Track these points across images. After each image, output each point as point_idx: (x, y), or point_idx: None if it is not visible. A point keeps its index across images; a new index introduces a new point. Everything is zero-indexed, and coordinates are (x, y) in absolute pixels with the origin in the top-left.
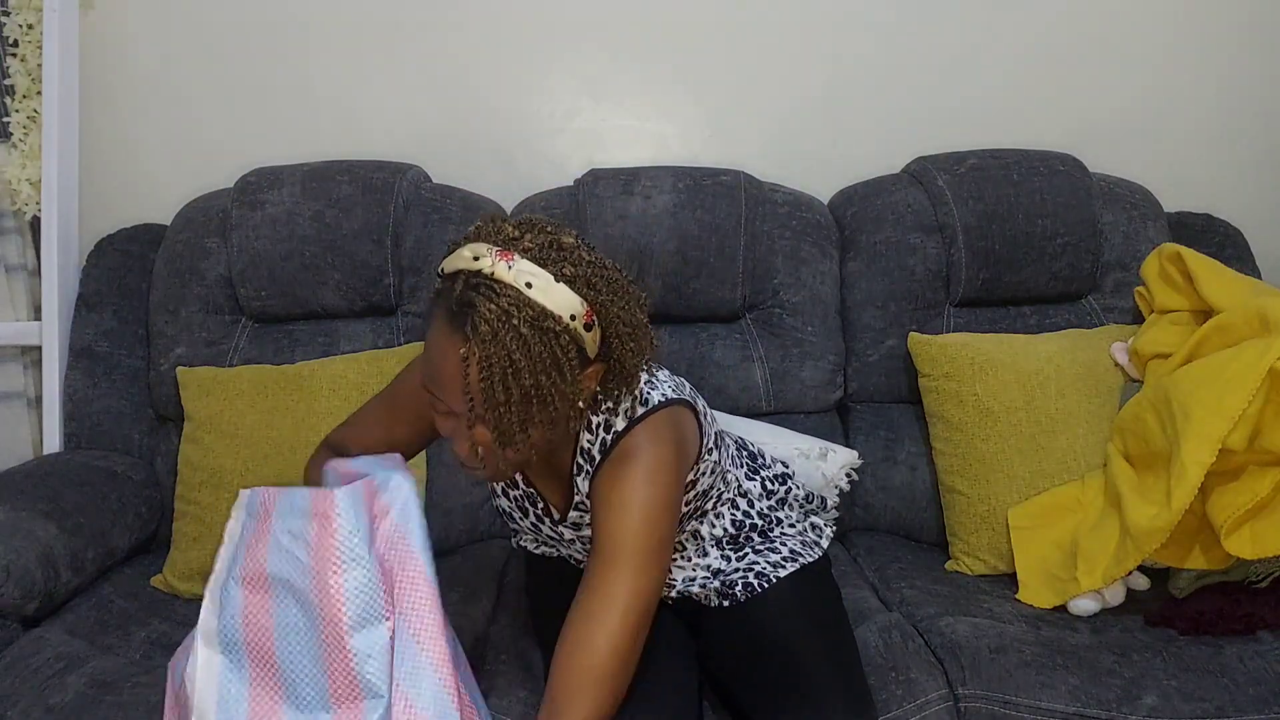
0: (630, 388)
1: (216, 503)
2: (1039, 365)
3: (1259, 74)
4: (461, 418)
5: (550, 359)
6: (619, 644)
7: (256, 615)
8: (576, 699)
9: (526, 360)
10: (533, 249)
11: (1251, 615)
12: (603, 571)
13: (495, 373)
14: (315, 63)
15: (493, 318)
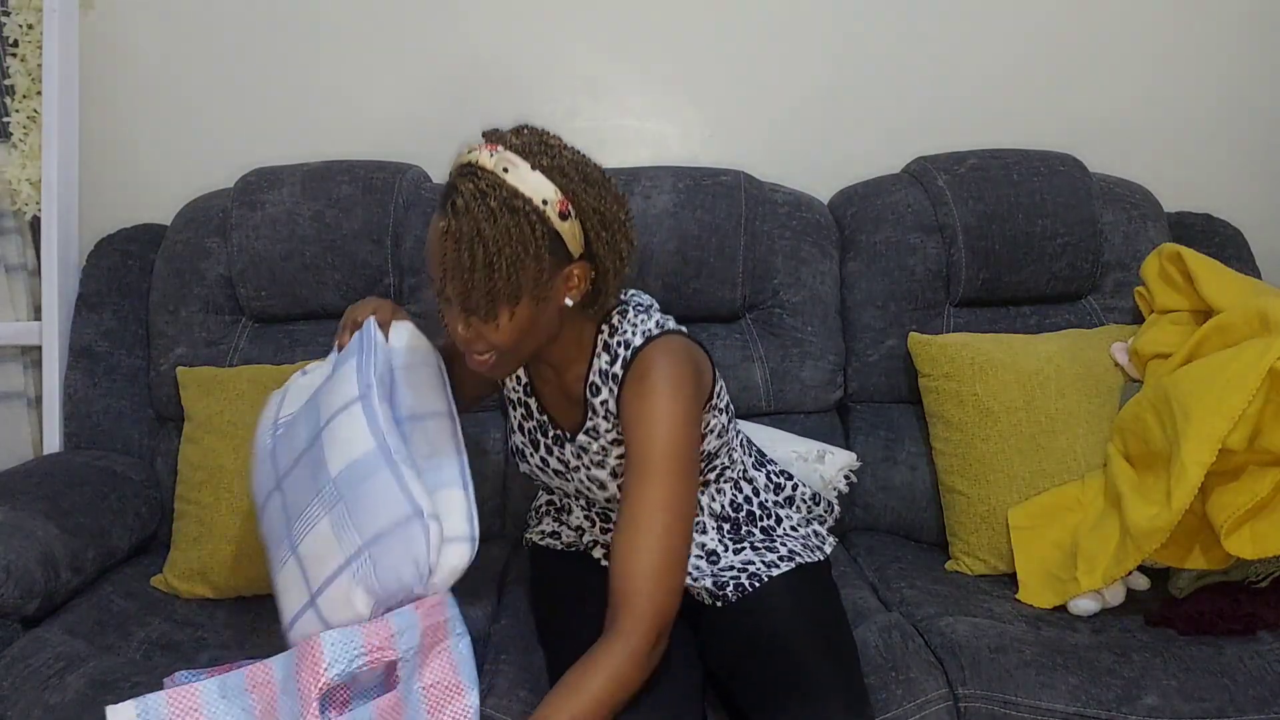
0: (614, 289)
1: (216, 503)
2: (1039, 365)
3: (1259, 74)
4: (454, 302)
5: (518, 236)
6: (667, 544)
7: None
8: (634, 599)
9: (493, 232)
10: (517, 143)
11: (1251, 615)
12: (639, 483)
13: (464, 242)
14: (315, 62)
15: (468, 195)
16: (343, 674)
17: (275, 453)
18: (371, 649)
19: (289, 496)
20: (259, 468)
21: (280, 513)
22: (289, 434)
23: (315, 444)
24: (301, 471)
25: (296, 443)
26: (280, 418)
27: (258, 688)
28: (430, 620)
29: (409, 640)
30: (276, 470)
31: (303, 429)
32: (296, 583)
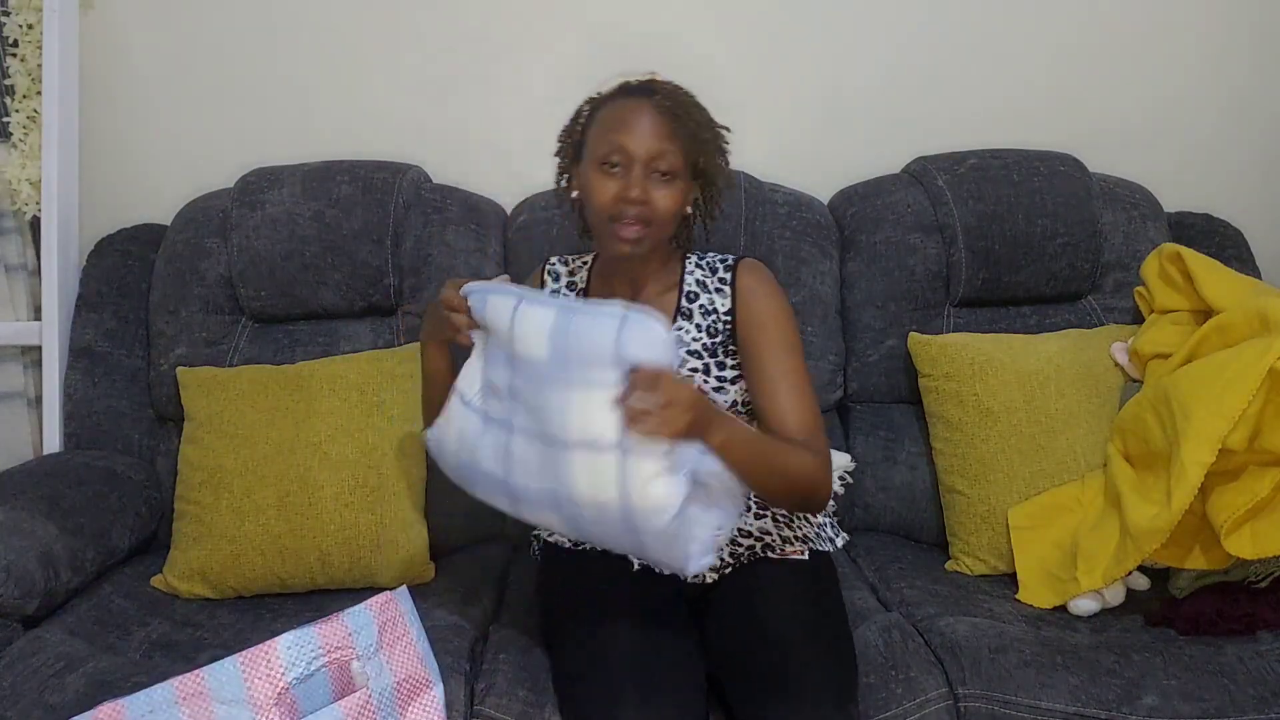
0: (713, 216)
1: (216, 503)
2: (1039, 365)
3: (1259, 74)
4: (645, 161)
5: (709, 122)
6: (813, 397)
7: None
8: (814, 439)
9: (698, 111)
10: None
11: (1251, 615)
12: (783, 354)
13: (686, 104)
14: (315, 63)
15: (669, 85)
16: (302, 676)
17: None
18: (330, 649)
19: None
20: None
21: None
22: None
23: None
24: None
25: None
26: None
27: (188, 699)
28: (385, 616)
29: (366, 638)
30: (508, 418)
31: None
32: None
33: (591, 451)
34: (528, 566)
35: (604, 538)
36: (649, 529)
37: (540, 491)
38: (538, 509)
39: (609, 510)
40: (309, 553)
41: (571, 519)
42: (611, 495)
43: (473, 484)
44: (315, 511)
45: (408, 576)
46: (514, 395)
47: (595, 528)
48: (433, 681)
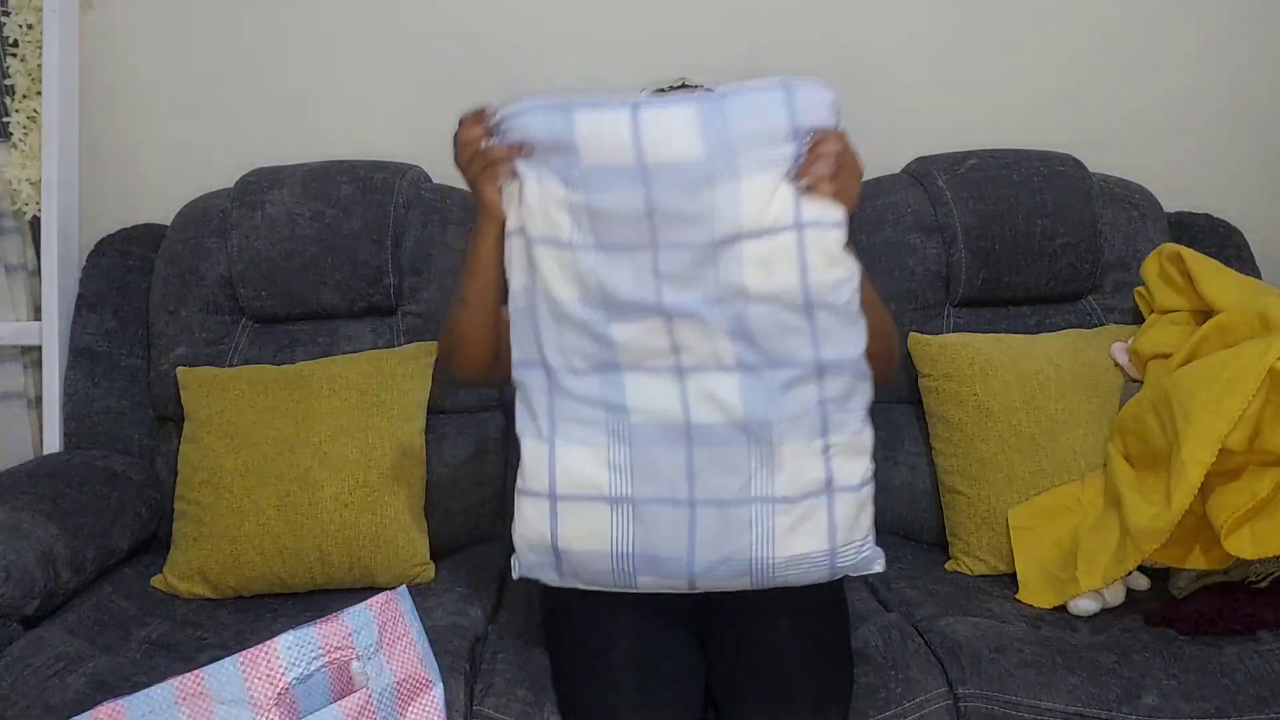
0: None
1: (216, 503)
2: (1039, 365)
3: (1259, 74)
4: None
5: None
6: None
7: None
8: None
9: None
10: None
11: (1251, 615)
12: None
13: None
14: (315, 63)
15: (704, 89)
16: (302, 676)
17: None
18: (330, 649)
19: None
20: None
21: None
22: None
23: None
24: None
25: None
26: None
27: (188, 699)
28: (385, 616)
29: (367, 638)
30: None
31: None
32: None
33: (766, 237)
34: None
35: (767, 331)
36: (832, 306)
37: (699, 301)
38: (694, 318)
39: (787, 296)
40: (309, 553)
41: (738, 318)
42: (791, 280)
43: (605, 323)
44: (315, 511)
45: (408, 576)
46: (651, 211)
47: (761, 320)
48: (433, 681)
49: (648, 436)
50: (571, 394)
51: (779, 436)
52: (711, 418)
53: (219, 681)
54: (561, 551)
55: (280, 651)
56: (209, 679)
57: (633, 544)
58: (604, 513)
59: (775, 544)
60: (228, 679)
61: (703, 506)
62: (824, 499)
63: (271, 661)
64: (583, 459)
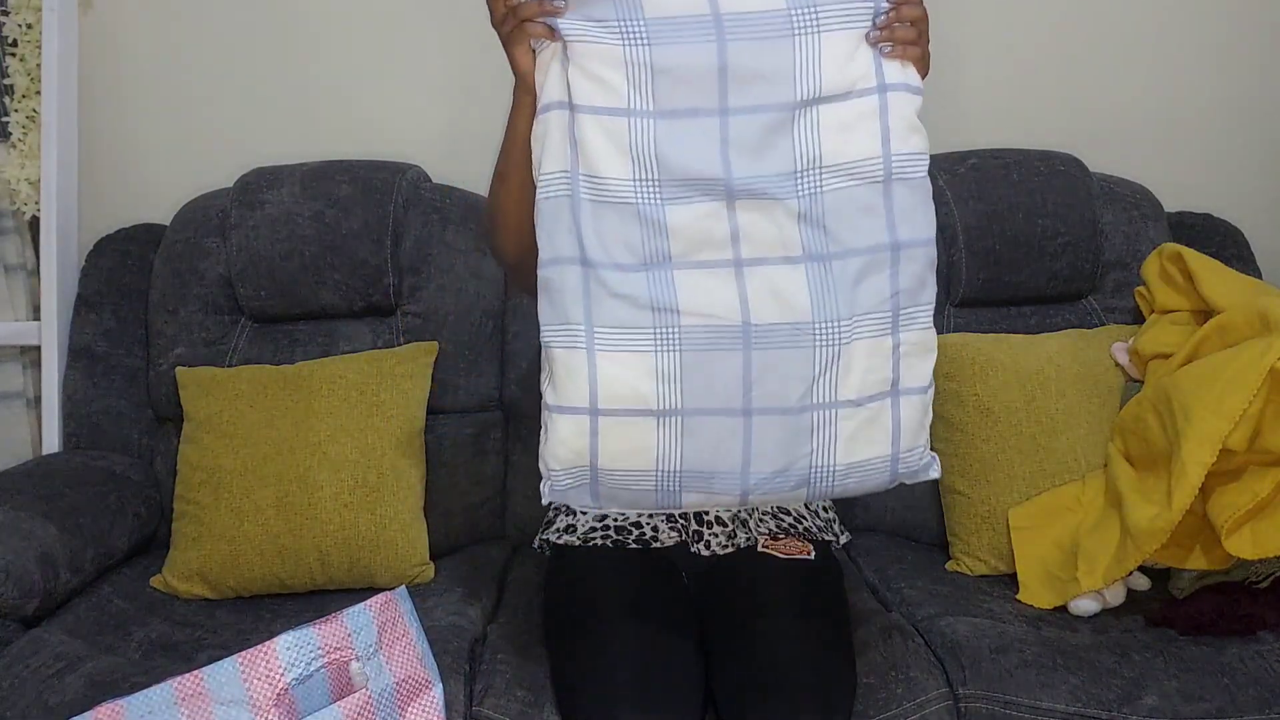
0: None
1: (216, 503)
2: (1039, 365)
3: (1259, 74)
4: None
5: None
6: None
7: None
8: None
9: None
10: None
11: (1252, 615)
12: None
13: None
14: (315, 63)
15: None
16: (301, 677)
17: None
18: (329, 650)
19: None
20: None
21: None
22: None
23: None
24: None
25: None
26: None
27: (187, 700)
28: (385, 616)
29: (366, 638)
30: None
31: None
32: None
33: (849, 100)
34: (527, 566)
35: (840, 210)
36: (910, 180)
37: (770, 175)
38: (761, 197)
39: (866, 167)
40: (308, 553)
41: (810, 195)
42: (873, 148)
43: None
44: (314, 511)
45: (407, 576)
46: (724, 67)
47: (835, 197)
48: (432, 682)
49: (700, 342)
50: (614, 292)
51: (848, 335)
52: (774, 317)
53: (218, 682)
54: (601, 472)
55: (279, 652)
56: (208, 679)
57: (680, 461)
58: (650, 428)
59: (836, 451)
60: (227, 679)
61: (760, 416)
62: (889, 402)
63: (271, 662)
64: (626, 368)
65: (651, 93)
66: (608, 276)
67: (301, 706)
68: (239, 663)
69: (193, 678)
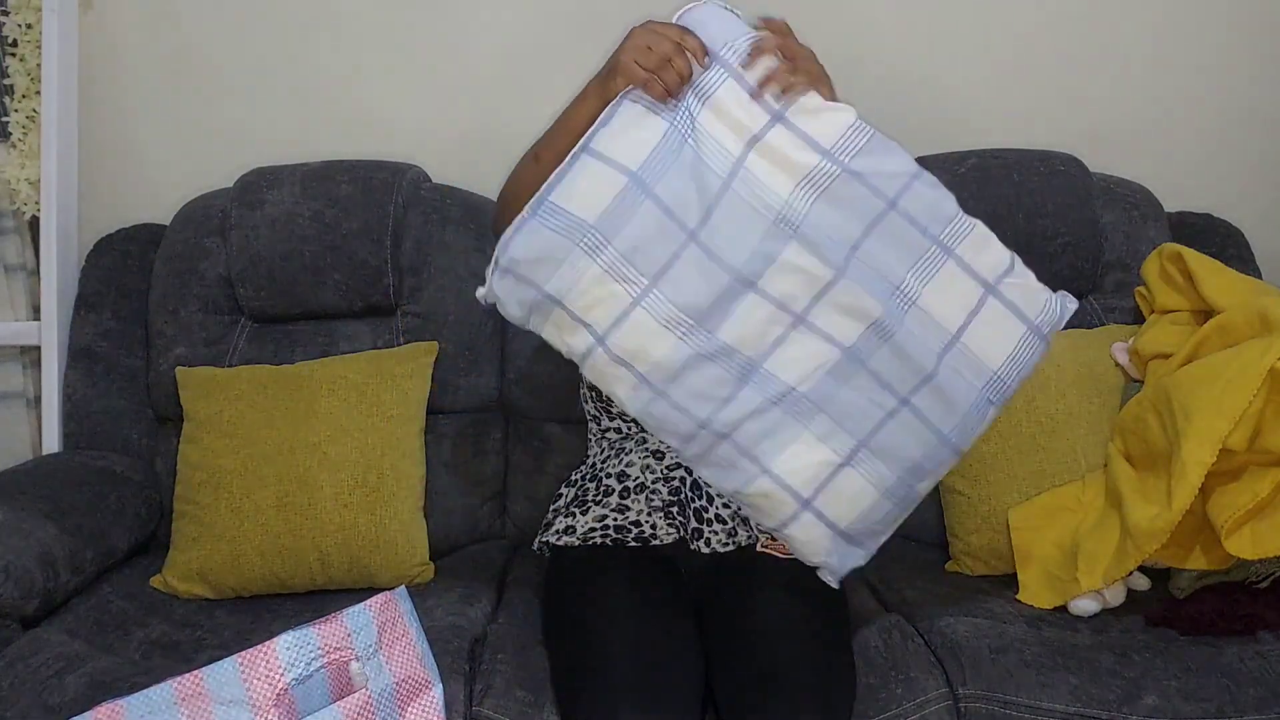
0: None
1: (216, 503)
2: (1039, 365)
3: (1259, 74)
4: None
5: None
6: None
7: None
8: None
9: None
10: None
11: (1252, 616)
12: None
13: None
14: (315, 63)
15: None
16: (301, 677)
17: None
18: (329, 650)
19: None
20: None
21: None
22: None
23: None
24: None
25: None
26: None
27: (187, 700)
28: (384, 616)
29: (366, 638)
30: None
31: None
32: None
33: (765, 137)
34: (527, 566)
35: (823, 217)
36: (853, 149)
37: (756, 244)
38: (768, 264)
39: (816, 168)
40: (308, 553)
41: (793, 223)
42: (809, 158)
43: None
44: (314, 512)
45: (407, 576)
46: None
47: (812, 206)
48: (432, 682)
49: (827, 391)
50: (740, 428)
51: (914, 290)
52: (857, 329)
53: (218, 682)
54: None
55: (279, 652)
56: (208, 679)
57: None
58: (844, 474)
59: (982, 366)
60: (227, 679)
61: (916, 397)
62: (991, 298)
63: (270, 662)
64: (806, 447)
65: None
66: (728, 417)
67: (301, 706)
68: (239, 663)
69: (193, 678)
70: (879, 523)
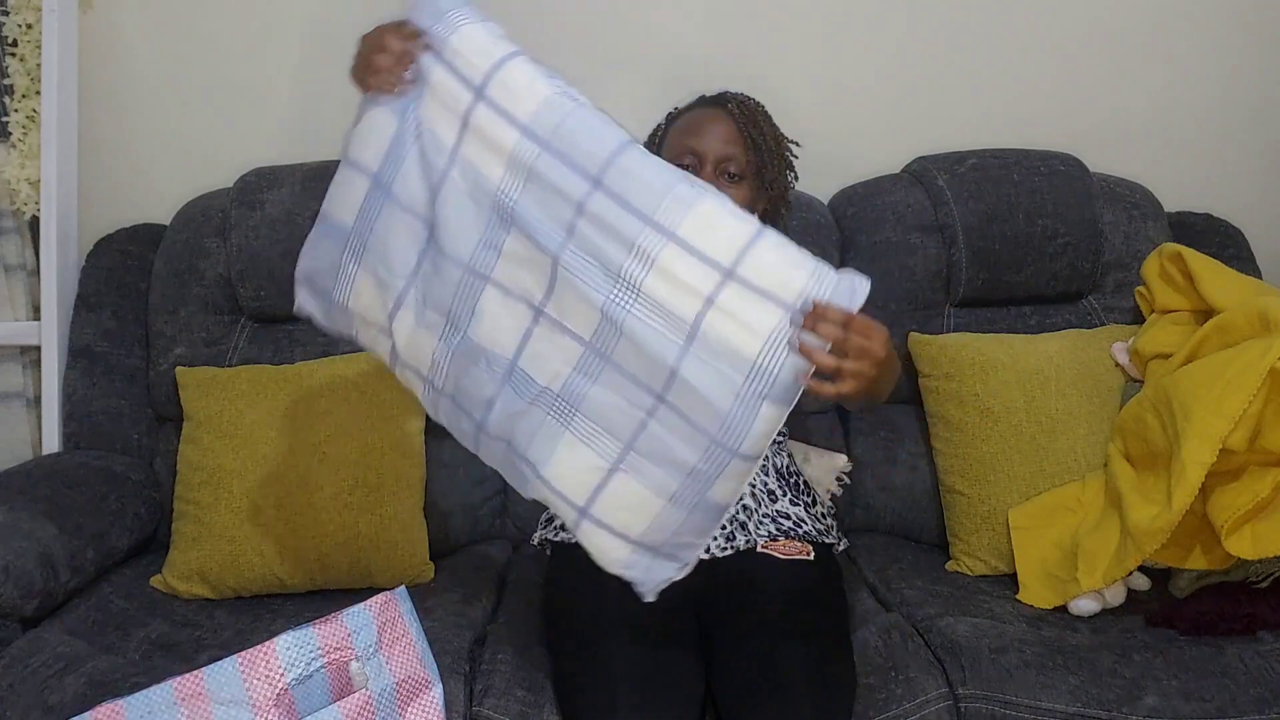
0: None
1: (216, 503)
2: (1039, 365)
3: (1259, 74)
4: (715, 163)
5: (777, 135)
6: None
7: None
8: None
9: (767, 123)
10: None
11: (1252, 615)
12: None
13: (756, 115)
14: (315, 63)
15: (741, 96)
16: (301, 677)
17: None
18: (329, 650)
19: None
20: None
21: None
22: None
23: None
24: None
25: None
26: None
27: (187, 700)
28: (384, 616)
29: (366, 638)
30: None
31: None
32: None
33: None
34: (527, 566)
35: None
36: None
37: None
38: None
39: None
40: (308, 553)
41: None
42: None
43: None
44: (314, 512)
45: (407, 576)
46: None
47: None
48: (432, 682)
49: (578, 389)
50: (511, 430)
51: (637, 276)
52: (592, 320)
53: (218, 682)
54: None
55: (279, 652)
56: (208, 679)
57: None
58: (617, 480)
59: (737, 356)
60: (227, 679)
61: (670, 393)
62: (729, 281)
63: (270, 662)
64: (569, 451)
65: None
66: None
67: (301, 706)
68: (239, 663)
69: (193, 678)
70: (683, 532)
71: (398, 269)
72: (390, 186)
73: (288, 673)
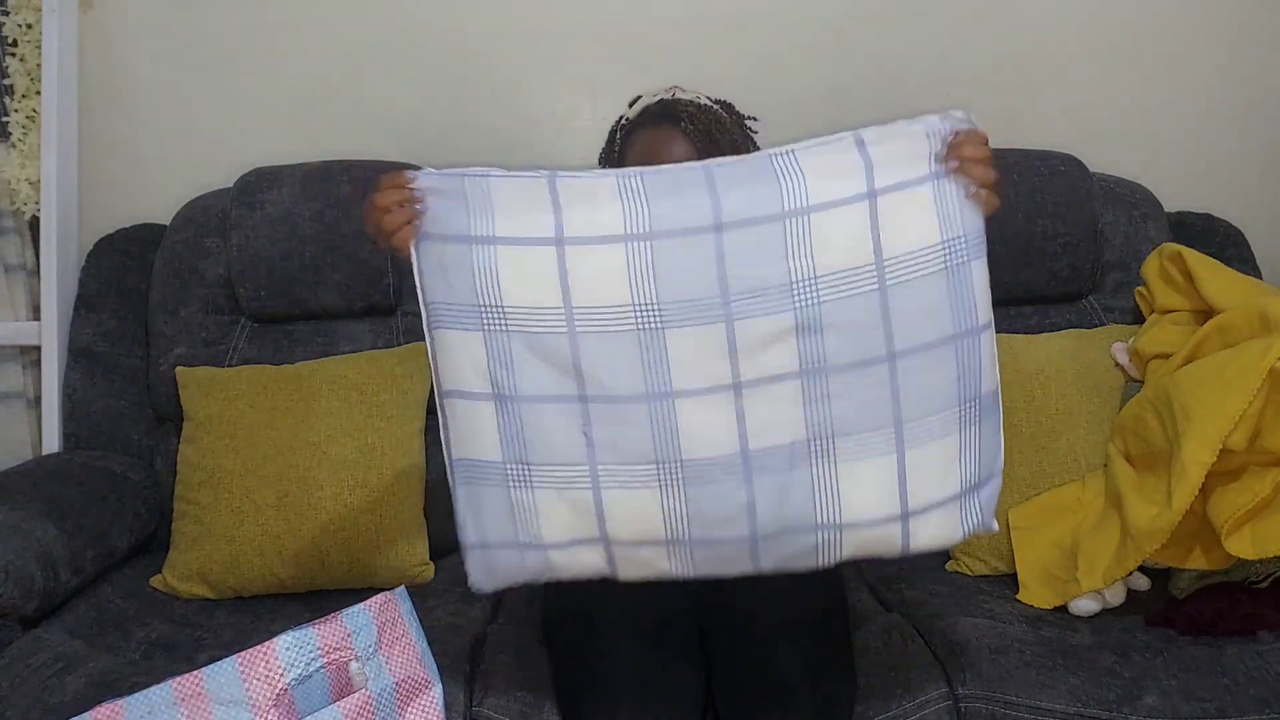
0: None
1: (216, 503)
2: (1039, 365)
3: (1259, 74)
4: None
5: (734, 138)
6: None
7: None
8: None
9: (720, 130)
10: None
11: (1252, 615)
12: None
13: (708, 128)
14: (315, 63)
15: (693, 105)
16: (301, 677)
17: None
18: (329, 650)
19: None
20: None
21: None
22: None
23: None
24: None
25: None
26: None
27: (187, 700)
28: (384, 616)
29: (366, 639)
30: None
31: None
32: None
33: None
34: None
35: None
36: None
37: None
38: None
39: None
40: (308, 553)
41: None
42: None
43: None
44: (314, 512)
45: (407, 577)
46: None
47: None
48: (432, 682)
49: (820, 417)
50: (782, 518)
51: (804, 269)
52: (790, 349)
53: (218, 682)
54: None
55: (279, 652)
56: (208, 679)
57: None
58: (912, 455)
59: (927, 243)
60: (226, 679)
61: (898, 340)
62: (875, 199)
63: (270, 662)
64: (851, 479)
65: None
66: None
67: (301, 707)
68: (239, 663)
69: (193, 678)
70: (986, 448)
71: (571, 457)
72: (519, 391)
73: (287, 673)
